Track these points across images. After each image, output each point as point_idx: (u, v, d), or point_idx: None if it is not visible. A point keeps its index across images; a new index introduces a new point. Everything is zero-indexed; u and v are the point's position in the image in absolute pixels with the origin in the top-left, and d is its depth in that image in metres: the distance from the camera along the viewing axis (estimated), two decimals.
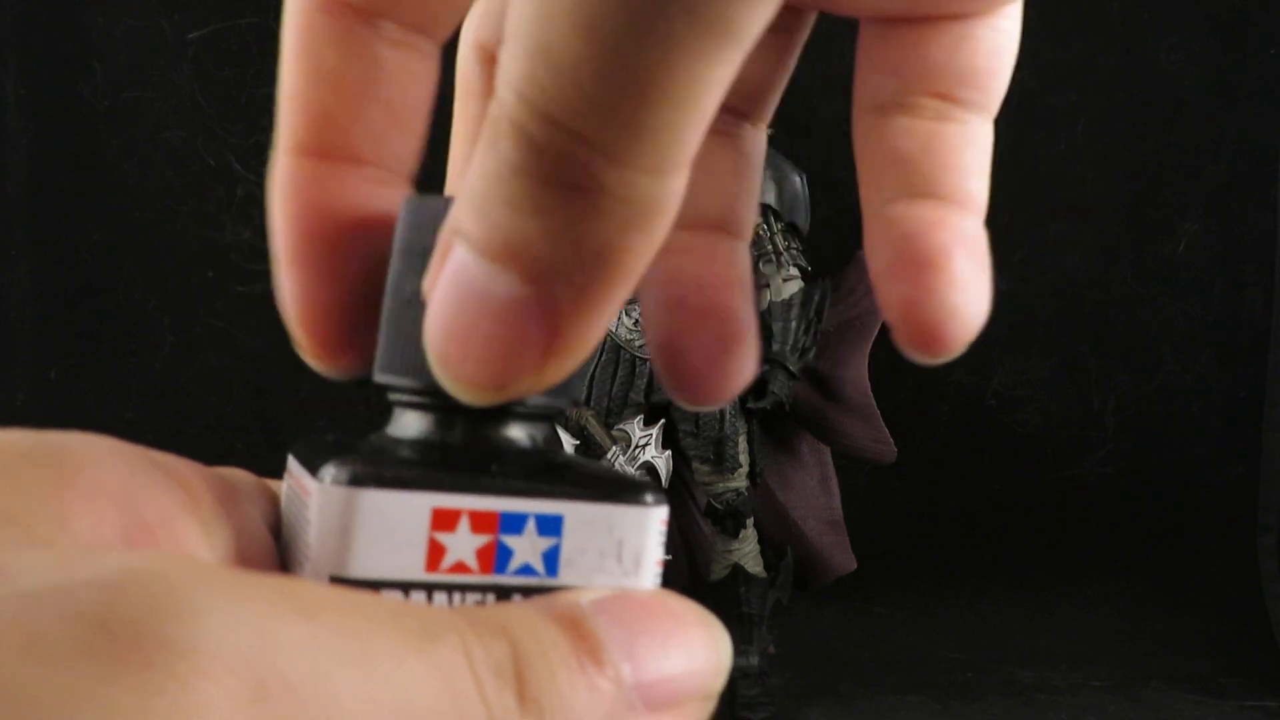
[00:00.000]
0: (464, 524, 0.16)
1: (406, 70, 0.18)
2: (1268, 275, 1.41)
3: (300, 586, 0.13)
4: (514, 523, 0.16)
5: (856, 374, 1.18)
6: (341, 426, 1.31)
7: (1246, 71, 1.39)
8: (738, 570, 1.14)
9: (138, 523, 0.15)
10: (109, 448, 0.15)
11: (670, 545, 1.14)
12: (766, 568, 1.14)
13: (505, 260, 0.13)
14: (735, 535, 1.14)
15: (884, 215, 0.18)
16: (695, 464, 1.13)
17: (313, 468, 0.16)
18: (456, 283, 0.13)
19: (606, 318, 0.13)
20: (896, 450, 1.13)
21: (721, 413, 1.12)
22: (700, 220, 0.20)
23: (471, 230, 0.13)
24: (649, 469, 1.09)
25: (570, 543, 0.16)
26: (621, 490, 0.17)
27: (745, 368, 0.20)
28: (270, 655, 0.11)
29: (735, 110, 0.21)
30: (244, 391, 1.37)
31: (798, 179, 1.05)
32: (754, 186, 0.21)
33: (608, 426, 1.11)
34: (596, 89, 0.12)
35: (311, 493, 0.16)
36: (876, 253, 0.18)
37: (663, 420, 1.11)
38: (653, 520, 0.17)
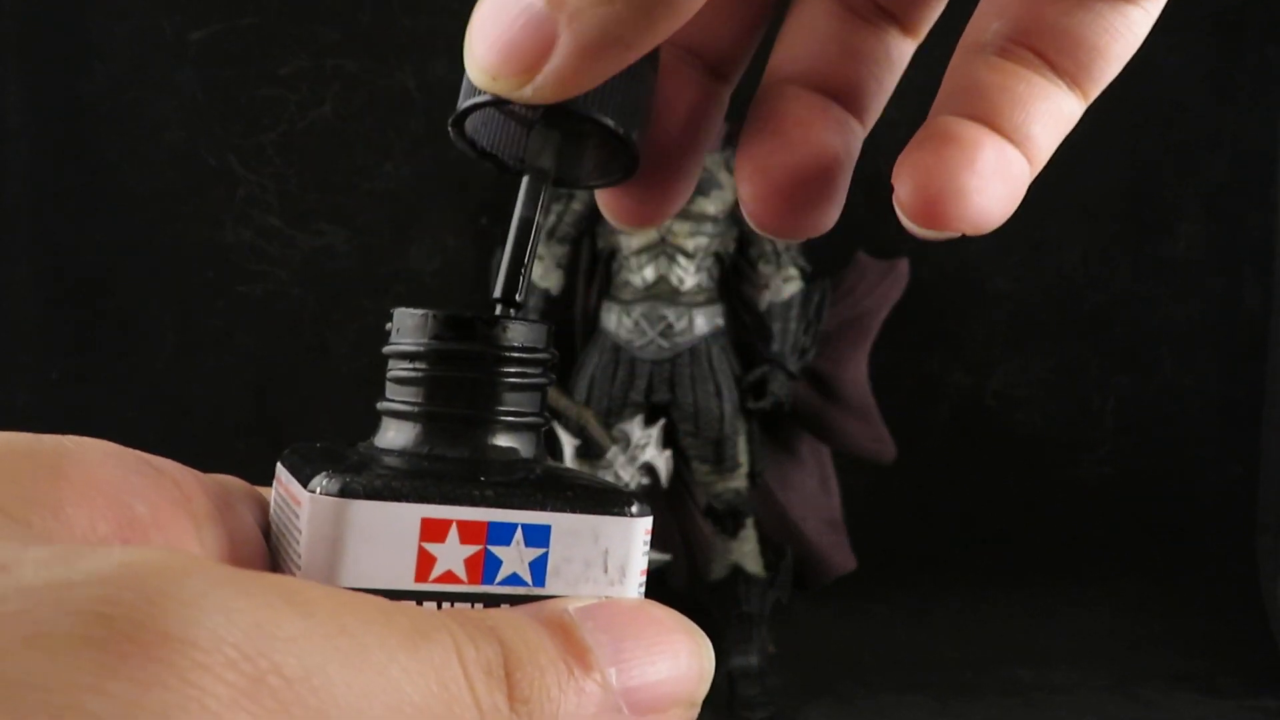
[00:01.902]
0: (453, 534, 0.16)
1: None
2: (1267, 275, 1.41)
3: (296, 584, 0.13)
4: (502, 533, 0.16)
5: (856, 374, 1.18)
6: (341, 427, 1.31)
7: (1245, 72, 1.40)
8: (738, 570, 1.14)
9: (131, 519, 0.15)
10: (104, 449, 0.16)
11: (670, 545, 1.14)
12: (766, 568, 1.14)
13: None
14: (735, 535, 1.14)
15: (933, 121, 0.19)
16: (695, 464, 1.13)
17: (303, 478, 0.16)
18: None
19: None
20: (896, 450, 1.13)
21: (721, 413, 1.12)
22: (819, 83, 0.21)
23: None
24: (649, 469, 1.09)
25: (557, 552, 0.16)
26: (607, 501, 0.17)
27: (826, 211, 0.20)
28: (267, 650, 0.12)
29: (887, 11, 0.21)
30: (244, 391, 1.37)
31: None
32: (884, 87, 0.22)
33: (608, 426, 1.11)
34: None
35: (302, 503, 0.16)
36: (911, 144, 0.19)
37: (663, 420, 1.11)
38: (637, 530, 0.17)
